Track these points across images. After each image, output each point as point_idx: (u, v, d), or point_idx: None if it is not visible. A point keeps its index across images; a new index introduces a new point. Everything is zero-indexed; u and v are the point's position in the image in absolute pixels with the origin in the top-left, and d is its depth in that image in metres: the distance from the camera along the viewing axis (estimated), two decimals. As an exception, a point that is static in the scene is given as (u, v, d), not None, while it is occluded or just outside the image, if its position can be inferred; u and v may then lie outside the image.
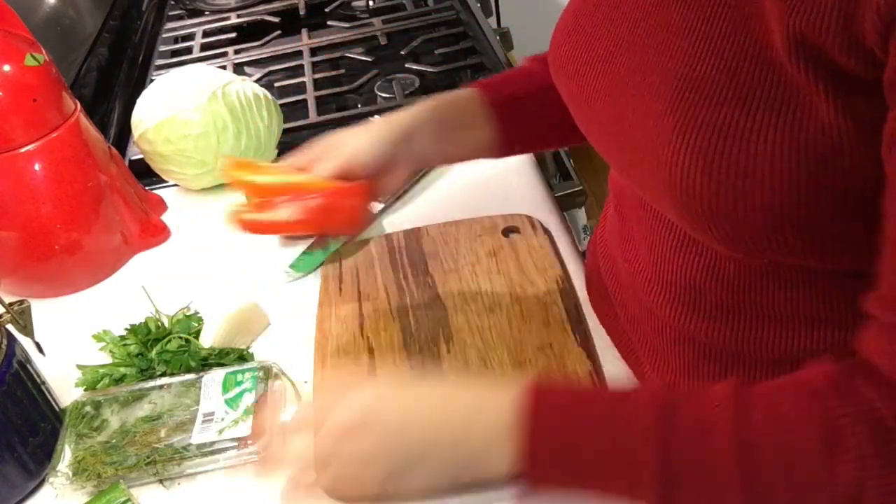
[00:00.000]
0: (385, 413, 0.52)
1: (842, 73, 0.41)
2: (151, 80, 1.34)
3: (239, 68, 1.37)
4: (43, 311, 0.88)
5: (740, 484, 0.43)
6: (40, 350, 0.73)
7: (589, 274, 0.82)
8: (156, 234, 1.00)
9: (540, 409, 0.48)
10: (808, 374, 0.46)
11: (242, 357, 0.79)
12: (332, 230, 0.82)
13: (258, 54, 1.40)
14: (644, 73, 0.51)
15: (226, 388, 0.73)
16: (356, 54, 1.35)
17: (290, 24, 1.51)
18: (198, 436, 0.70)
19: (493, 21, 2.05)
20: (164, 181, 1.08)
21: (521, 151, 0.88)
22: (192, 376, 0.76)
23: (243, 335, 0.82)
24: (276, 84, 1.29)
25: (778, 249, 0.48)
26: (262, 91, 1.05)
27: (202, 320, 0.83)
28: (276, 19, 1.53)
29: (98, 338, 0.83)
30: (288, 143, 1.11)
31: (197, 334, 0.81)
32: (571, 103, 0.62)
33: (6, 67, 0.84)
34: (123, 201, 0.96)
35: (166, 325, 0.83)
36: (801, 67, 0.42)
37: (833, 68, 0.41)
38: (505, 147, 0.77)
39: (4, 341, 0.68)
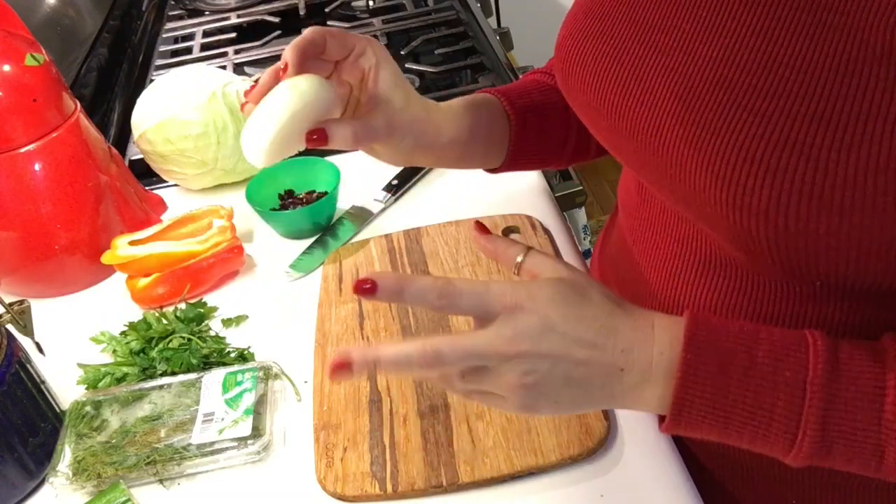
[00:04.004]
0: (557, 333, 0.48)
1: None
2: (151, 80, 1.34)
3: (239, 68, 1.37)
4: (43, 311, 0.88)
5: None
6: (40, 350, 0.73)
7: None
8: (156, 234, 0.99)
9: (697, 355, 0.47)
10: None
11: (243, 357, 0.79)
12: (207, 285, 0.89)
13: (258, 54, 1.40)
14: (692, 85, 0.47)
15: (226, 388, 0.73)
16: (356, 54, 1.35)
17: (290, 24, 1.51)
18: (198, 436, 0.70)
19: (493, 21, 2.06)
20: (164, 181, 1.08)
21: (517, 167, 0.75)
22: (192, 376, 0.76)
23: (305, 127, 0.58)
24: (277, 84, 1.29)
25: (848, 275, 0.45)
26: (262, 91, 1.04)
27: (206, 304, 0.85)
28: (276, 19, 1.53)
29: (97, 340, 0.83)
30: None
31: (200, 319, 0.82)
32: (592, 114, 0.58)
33: (6, 67, 0.84)
34: (123, 201, 0.96)
35: (167, 321, 0.83)
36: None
37: None
38: (509, 158, 0.72)
39: (4, 341, 0.68)
